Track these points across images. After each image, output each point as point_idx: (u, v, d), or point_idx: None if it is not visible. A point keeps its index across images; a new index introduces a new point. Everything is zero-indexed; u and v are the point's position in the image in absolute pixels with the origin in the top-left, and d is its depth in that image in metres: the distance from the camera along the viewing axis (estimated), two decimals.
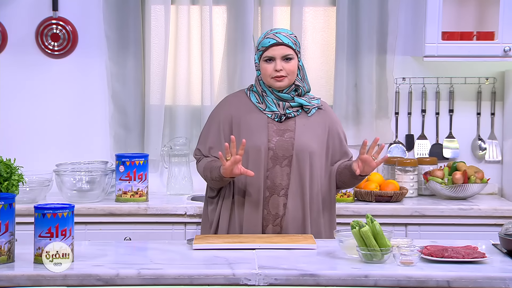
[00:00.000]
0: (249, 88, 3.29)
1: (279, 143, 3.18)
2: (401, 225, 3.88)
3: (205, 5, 4.24)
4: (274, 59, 3.17)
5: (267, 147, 3.17)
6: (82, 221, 3.77)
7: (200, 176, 3.29)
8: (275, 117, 3.21)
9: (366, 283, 2.60)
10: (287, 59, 3.18)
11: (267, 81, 3.20)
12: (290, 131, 3.19)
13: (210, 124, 3.27)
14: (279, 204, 3.17)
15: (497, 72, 4.33)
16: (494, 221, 3.84)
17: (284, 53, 3.17)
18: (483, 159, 4.36)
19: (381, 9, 4.25)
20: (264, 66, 3.19)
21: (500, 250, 2.91)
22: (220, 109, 3.28)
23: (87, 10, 4.28)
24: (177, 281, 2.61)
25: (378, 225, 2.74)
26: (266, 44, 3.19)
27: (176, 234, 3.86)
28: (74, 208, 2.72)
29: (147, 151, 4.25)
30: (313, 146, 3.20)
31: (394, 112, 4.36)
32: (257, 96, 3.24)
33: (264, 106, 3.22)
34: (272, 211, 3.18)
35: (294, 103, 3.21)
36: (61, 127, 4.32)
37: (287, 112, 3.20)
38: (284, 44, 3.17)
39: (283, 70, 3.16)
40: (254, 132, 3.18)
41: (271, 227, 3.17)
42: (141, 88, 4.29)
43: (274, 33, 3.20)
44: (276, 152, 3.17)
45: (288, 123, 3.21)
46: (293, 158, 3.17)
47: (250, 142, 3.17)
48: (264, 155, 3.17)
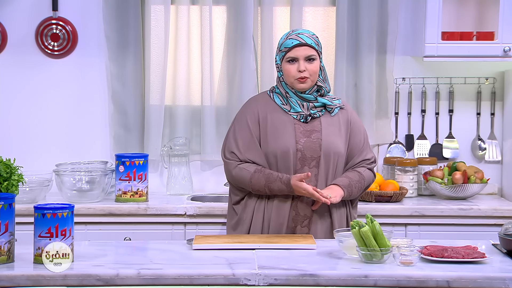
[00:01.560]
0: (272, 90, 3.29)
1: (307, 144, 3.19)
2: (401, 225, 3.88)
3: (205, 5, 4.24)
4: (297, 60, 3.18)
5: (296, 148, 3.18)
6: (82, 221, 3.77)
7: (231, 178, 3.23)
8: (301, 118, 3.21)
9: (366, 283, 2.60)
10: (310, 59, 3.18)
11: (290, 82, 3.21)
12: (316, 132, 3.20)
13: (240, 127, 3.24)
14: (307, 206, 3.19)
15: (497, 72, 4.33)
16: (494, 221, 3.84)
17: (307, 53, 3.18)
18: (483, 159, 4.36)
19: (381, 9, 4.25)
20: (287, 67, 3.19)
21: (500, 250, 2.91)
22: (247, 110, 3.26)
23: (87, 10, 4.28)
24: (177, 281, 2.61)
25: (378, 225, 2.74)
26: (289, 45, 3.18)
27: (176, 234, 3.86)
28: (74, 208, 2.72)
29: (147, 151, 4.25)
30: (339, 146, 3.22)
31: (394, 112, 4.36)
32: (281, 97, 3.25)
33: (289, 107, 3.23)
34: (300, 213, 3.19)
35: (318, 103, 3.23)
36: (61, 127, 4.32)
37: (311, 113, 3.21)
38: (307, 45, 3.18)
39: (306, 70, 3.17)
40: (282, 133, 3.19)
41: (299, 228, 3.19)
42: (141, 88, 4.29)
43: (296, 34, 3.20)
44: (304, 153, 3.18)
45: (314, 124, 3.22)
46: (320, 159, 3.18)
47: (278, 143, 3.17)
48: (293, 157, 3.18)
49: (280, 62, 3.22)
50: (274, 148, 3.17)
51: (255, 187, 3.18)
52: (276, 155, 3.18)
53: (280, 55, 3.22)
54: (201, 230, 3.84)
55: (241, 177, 3.19)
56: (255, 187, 3.18)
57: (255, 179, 3.17)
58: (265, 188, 3.16)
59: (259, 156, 3.20)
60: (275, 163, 3.19)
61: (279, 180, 3.15)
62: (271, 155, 3.19)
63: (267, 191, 3.17)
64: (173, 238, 3.83)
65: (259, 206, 3.22)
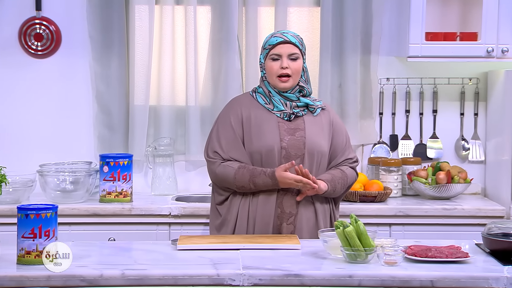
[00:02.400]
0: (254, 90, 3.31)
1: (291, 142, 3.20)
2: (385, 225, 3.89)
3: (190, 5, 4.24)
4: (280, 57, 3.20)
5: (280, 146, 3.19)
6: (66, 221, 3.75)
7: (215, 177, 3.23)
8: (284, 116, 3.22)
9: (350, 283, 2.61)
10: (293, 58, 3.20)
11: (272, 80, 3.23)
12: (300, 130, 3.22)
13: (222, 126, 3.25)
14: (292, 203, 3.20)
15: (480, 73, 4.35)
16: (477, 221, 3.86)
17: (290, 51, 3.20)
18: (466, 159, 4.38)
19: (365, 10, 4.26)
20: (270, 64, 3.21)
21: (483, 250, 2.92)
22: (230, 111, 3.28)
23: (71, 10, 4.27)
24: (161, 282, 2.61)
25: (362, 225, 2.75)
26: (273, 42, 3.22)
27: (161, 234, 3.85)
28: (57, 209, 2.71)
29: (132, 152, 4.24)
30: (323, 145, 3.25)
31: (378, 113, 4.37)
32: (263, 97, 3.26)
33: (272, 106, 3.24)
34: (286, 210, 3.19)
35: (300, 103, 3.25)
36: (45, 127, 4.30)
37: (295, 111, 3.23)
38: (291, 43, 3.21)
39: (289, 68, 3.19)
40: (266, 132, 3.20)
41: (284, 225, 3.19)
42: (125, 88, 4.28)
43: (281, 33, 3.25)
44: (288, 151, 3.20)
45: (297, 122, 3.24)
46: (305, 157, 3.20)
47: (263, 142, 3.19)
48: (278, 155, 3.19)
49: (263, 60, 3.24)
50: (259, 147, 3.18)
51: (239, 183, 3.18)
52: (261, 153, 3.19)
53: (264, 53, 3.24)
54: (186, 231, 3.83)
55: (225, 174, 3.19)
56: (239, 184, 3.18)
57: (240, 175, 3.17)
58: (250, 183, 3.17)
59: (242, 155, 3.21)
60: (260, 162, 3.20)
61: (263, 173, 3.16)
62: (256, 153, 3.20)
63: (252, 186, 3.17)
64: (158, 239, 3.83)
65: (243, 205, 3.22)
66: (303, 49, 3.25)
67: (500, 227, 2.86)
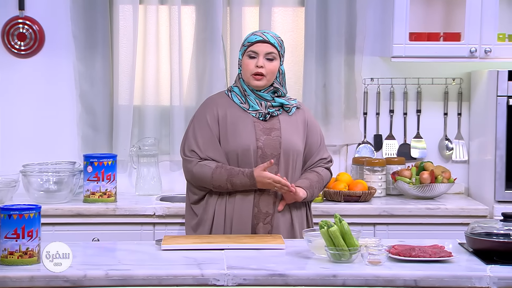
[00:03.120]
0: (229, 89, 3.31)
1: (267, 141, 3.21)
2: (370, 224, 3.90)
3: (174, 5, 4.23)
4: (257, 55, 3.20)
5: (256, 146, 3.20)
6: (49, 222, 3.73)
7: (191, 176, 3.23)
8: (260, 116, 3.23)
9: (334, 283, 2.62)
10: (269, 58, 3.21)
11: (246, 78, 3.23)
12: (276, 130, 3.23)
13: (199, 125, 3.25)
14: (269, 203, 3.20)
15: (464, 73, 4.37)
16: (461, 220, 3.88)
17: (268, 50, 3.21)
18: (450, 159, 4.40)
19: (350, 10, 4.28)
20: (246, 61, 3.22)
21: (467, 249, 2.94)
22: (206, 109, 3.27)
23: (54, 10, 4.25)
24: (145, 282, 2.60)
25: (346, 224, 2.75)
26: (252, 40, 3.23)
27: (145, 234, 3.84)
28: (40, 209, 2.70)
29: (116, 152, 4.22)
30: (298, 144, 3.26)
31: (363, 112, 4.38)
32: (239, 96, 3.27)
33: (247, 105, 3.25)
34: (262, 210, 3.20)
35: (275, 103, 3.26)
36: (28, 127, 4.28)
37: (270, 111, 3.23)
38: (269, 43, 3.22)
39: (264, 68, 3.19)
40: (242, 131, 3.20)
41: (261, 225, 3.19)
42: (110, 88, 4.27)
43: (262, 32, 3.26)
44: (264, 151, 3.20)
45: (273, 122, 3.24)
46: (280, 156, 3.21)
47: (239, 141, 3.20)
48: (254, 154, 3.19)
49: (241, 57, 3.25)
50: (235, 146, 3.19)
51: (217, 183, 3.17)
52: (237, 153, 3.19)
53: (242, 50, 3.25)
54: (170, 231, 3.83)
55: (202, 173, 3.19)
56: (216, 183, 3.18)
57: (217, 174, 3.17)
58: (227, 183, 3.16)
59: (219, 154, 3.21)
60: (236, 161, 3.20)
61: (241, 173, 3.16)
62: (232, 153, 3.20)
63: (229, 186, 3.17)
64: (142, 239, 3.82)
65: (220, 205, 3.22)
66: (281, 51, 3.25)
67: (483, 227, 2.88)
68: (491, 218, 3.89)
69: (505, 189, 3.95)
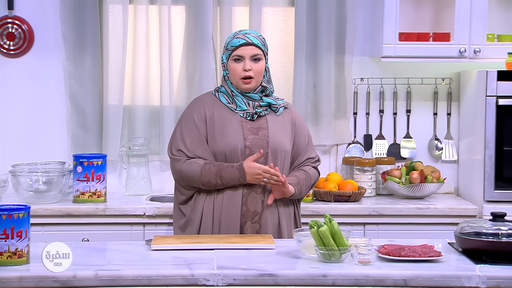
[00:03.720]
0: (216, 89, 3.32)
1: (255, 141, 3.21)
2: (360, 224, 3.91)
3: (164, 4, 4.22)
4: (243, 59, 3.20)
5: (244, 145, 3.20)
6: (39, 222, 3.72)
7: (179, 175, 3.23)
8: (247, 116, 3.23)
9: (324, 283, 2.62)
10: (255, 59, 3.21)
11: (235, 82, 3.24)
12: (263, 129, 3.23)
13: (187, 125, 3.24)
14: (257, 201, 3.20)
15: (453, 73, 4.39)
16: (450, 220, 3.89)
17: (253, 53, 3.21)
18: (439, 158, 4.41)
19: (340, 10, 4.28)
20: (233, 66, 3.22)
21: (456, 249, 2.95)
22: (193, 109, 3.27)
23: (44, 9, 4.23)
24: (135, 282, 2.60)
25: (336, 224, 2.76)
26: (235, 44, 3.22)
27: (135, 234, 3.84)
28: (30, 209, 2.69)
29: (106, 152, 4.21)
30: (286, 144, 3.27)
31: (353, 112, 4.39)
32: (226, 96, 3.27)
33: (235, 105, 3.25)
34: (250, 208, 3.20)
35: (263, 103, 3.26)
36: (18, 127, 4.27)
37: (257, 111, 3.24)
38: (253, 44, 3.22)
39: (252, 70, 3.20)
40: (229, 131, 3.21)
41: (249, 224, 3.19)
42: (99, 88, 4.26)
43: (243, 34, 3.25)
44: (252, 150, 3.21)
45: (260, 122, 3.25)
46: (268, 156, 3.21)
47: (226, 141, 3.20)
48: (242, 154, 3.20)
49: (226, 61, 3.24)
50: (223, 146, 3.19)
51: (205, 178, 3.17)
52: (225, 153, 3.20)
53: (226, 54, 3.25)
54: (160, 231, 3.82)
55: (190, 171, 3.19)
56: (205, 179, 3.17)
57: (206, 170, 3.17)
58: (216, 178, 3.16)
59: (207, 154, 3.21)
60: (224, 161, 3.21)
61: (230, 166, 3.17)
62: (219, 153, 3.20)
63: (218, 181, 3.16)
64: (132, 239, 3.81)
65: (208, 205, 3.22)
66: (265, 50, 3.27)
67: (473, 226, 2.89)
68: (480, 218, 3.91)
69: (494, 189, 3.97)
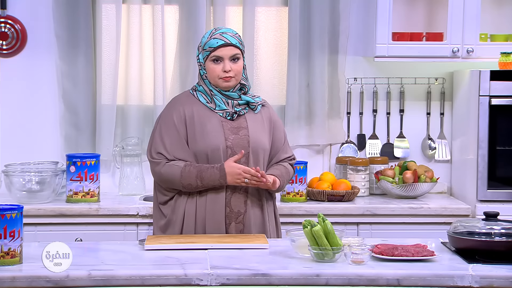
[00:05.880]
0: (194, 88, 3.29)
1: (236, 141, 3.20)
2: (353, 224, 3.91)
3: (157, 4, 4.22)
4: (222, 60, 3.19)
5: (225, 145, 3.19)
6: (32, 222, 3.72)
7: (159, 178, 3.21)
8: (227, 115, 3.22)
9: (317, 282, 2.62)
10: (234, 59, 3.20)
11: (214, 81, 3.22)
12: (243, 129, 3.23)
13: (166, 127, 3.22)
14: (240, 202, 3.20)
15: (446, 73, 4.40)
16: (443, 219, 3.90)
17: (232, 53, 3.20)
18: (432, 158, 4.42)
19: (333, 10, 4.29)
20: (212, 66, 3.20)
21: (449, 248, 2.95)
22: (172, 110, 3.25)
23: (36, 9, 4.23)
24: (128, 282, 2.59)
25: (329, 224, 2.76)
26: (214, 45, 3.19)
27: (128, 234, 3.83)
28: (22, 209, 2.68)
29: (99, 151, 4.21)
30: (265, 143, 3.26)
31: (346, 112, 4.39)
32: (205, 96, 3.25)
33: (214, 105, 3.24)
34: (234, 209, 3.19)
35: (242, 101, 3.25)
36: (10, 126, 4.26)
37: (236, 110, 3.23)
38: (232, 45, 3.20)
39: (232, 70, 3.19)
40: (210, 132, 3.19)
41: (234, 224, 3.19)
42: (92, 87, 4.25)
43: (220, 33, 3.21)
44: (234, 150, 3.20)
45: (240, 121, 3.24)
46: (249, 155, 3.21)
47: (208, 142, 3.18)
48: (223, 154, 3.19)
49: (203, 60, 3.22)
50: (204, 147, 3.18)
51: (186, 181, 3.15)
52: (207, 153, 3.18)
53: (204, 54, 3.22)
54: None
55: (171, 173, 3.17)
56: (185, 181, 3.15)
57: (186, 172, 3.15)
58: (197, 180, 3.14)
59: (187, 155, 3.20)
60: (206, 162, 3.19)
61: (211, 168, 3.15)
62: (201, 153, 3.19)
63: (199, 183, 3.15)
64: (125, 239, 3.81)
65: (190, 206, 3.20)
66: (243, 48, 3.24)
67: (466, 226, 2.89)
68: (473, 217, 3.91)
69: (487, 189, 3.97)
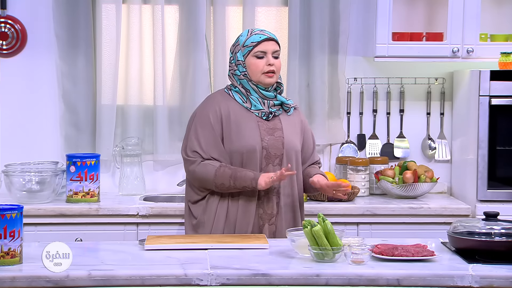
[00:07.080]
0: (229, 87, 3.29)
1: (271, 142, 3.21)
2: (353, 224, 3.91)
3: (157, 4, 4.22)
4: (265, 54, 3.20)
5: (261, 146, 3.19)
6: (32, 222, 3.72)
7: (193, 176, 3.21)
8: (263, 115, 3.22)
9: (317, 282, 2.62)
10: (275, 56, 3.24)
11: (257, 78, 3.21)
12: (278, 130, 3.23)
13: (202, 125, 3.21)
14: (273, 203, 3.21)
15: (446, 73, 4.40)
16: (443, 219, 3.90)
17: (275, 48, 3.23)
18: (432, 158, 4.42)
19: (333, 10, 4.29)
20: (255, 61, 3.20)
21: (449, 248, 2.96)
22: (209, 108, 3.24)
23: (36, 9, 4.23)
24: (128, 282, 2.59)
25: (329, 224, 2.76)
26: (257, 40, 3.21)
27: (128, 234, 3.83)
28: (22, 209, 2.69)
29: (99, 151, 4.21)
30: (298, 145, 3.28)
31: (346, 112, 4.39)
32: (240, 95, 3.24)
33: (250, 104, 3.23)
34: (267, 210, 3.20)
35: (277, 102, 3.26)
36: (11, 126, 4.26)
37: (272, 111, 3.23)
38: (274, 40, 3.24)
39: (274, 65, 3.21)
40: (246, 131, 3.19)
41: (267, 226, 3.20)
42: (92, 87, 4.25)
43: (259, 30, 3.25)
44: (269, 151, 3.20)
45: (275, 122, 3.25)
46: (283, 156, 3.21)
47: (244, 141, 3.18)
48: (259, 155, 3.19)
49: (242, 58, 3.22)
50: (240, 146, 3.18)
51: (219, 180, 3.15)
52: (242, 153, 3.18)
53: (244, 51, 3.22)
54: (154, 231, 3.82)
55: (205, 172, 3.17)
56: (219, 181, 3.15)
57: (221, 172, 3.15)
58: (230, 180, 3.14)
59: (223, 156, 3.20)
60: (241, 161, 3.19)
61: (246, 170, 3.15)
62: (236, 153, 3.19)
63: (231, 183, 3.14)
64: (125, 239, 3.81)
65: (221, 208, 3.20)
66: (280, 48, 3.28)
67: (466, 226, 2.89)
68: (473, 217, 3.91)
69: (487, 189, 3.97)
